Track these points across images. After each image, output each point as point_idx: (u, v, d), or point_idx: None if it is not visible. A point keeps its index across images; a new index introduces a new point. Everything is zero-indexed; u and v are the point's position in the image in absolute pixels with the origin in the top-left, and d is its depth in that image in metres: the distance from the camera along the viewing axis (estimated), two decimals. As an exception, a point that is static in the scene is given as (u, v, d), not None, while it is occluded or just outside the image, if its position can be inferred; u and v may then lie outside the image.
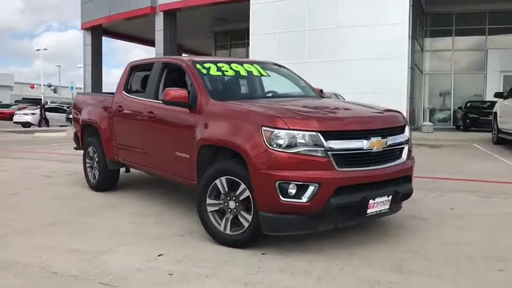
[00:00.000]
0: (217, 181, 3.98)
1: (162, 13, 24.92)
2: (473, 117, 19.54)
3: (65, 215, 5.11)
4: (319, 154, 3.58)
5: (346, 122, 3.85)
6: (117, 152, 5.89)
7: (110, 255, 3.81)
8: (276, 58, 19.97)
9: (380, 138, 3.82)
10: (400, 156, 4.09)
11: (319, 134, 3.58)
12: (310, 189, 3.55)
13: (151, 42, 27.48)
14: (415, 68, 20.90)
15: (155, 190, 6.35)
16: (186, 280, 3.28)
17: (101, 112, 6.16)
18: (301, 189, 3.56)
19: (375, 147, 3.78)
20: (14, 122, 29.87)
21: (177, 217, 4.95)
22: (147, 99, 5.22)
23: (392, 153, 3.99)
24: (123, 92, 5.81)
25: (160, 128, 4.96)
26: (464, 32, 23.89)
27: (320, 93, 5.40)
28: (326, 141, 3.58)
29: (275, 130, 3.60)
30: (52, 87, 49.64)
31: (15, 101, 55.71)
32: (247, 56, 22.28)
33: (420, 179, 7.30)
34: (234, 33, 28.68)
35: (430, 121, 20.22)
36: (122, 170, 6.51)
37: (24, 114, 30.24)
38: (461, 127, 20.27)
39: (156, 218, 4.96)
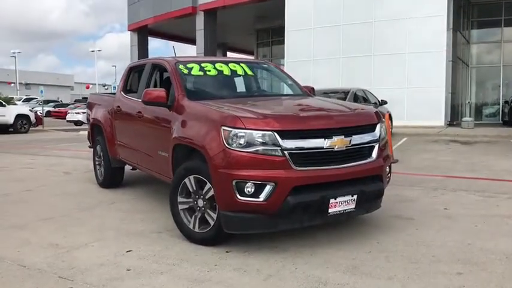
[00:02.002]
0: (186, 180, 4.07)
1: (202, 12, 25.35)
2: (519, 111, 18.55)
3: (63, 210, 5.36)
4: (275, 153, 3.58)
5: (304, 121, 3.81)
6: (117, 150, 6.10)
7: (82, 250, 3.98)
8: (310, 54, 20.06)
9: (343, 137, 3.77)
10: (369, 155, 4.00)
11: (275, 134, 3.58)
12: (267, 188, 3.56)
13: (193, 41, 27.99)
14: (458, 61, 20.10)
15: (157, 187, 6.51)
16: (140, 276, 3.38)
17: (105, 112, 6.41)
18: (258, 188, 3.57)
19: (337, 146, 3.73)
20: (67, 121, 31.22)
21: (164, 214, 5.04)
22: (138, 99, 5.38)
23: (358, 152, 3.91)
24: (122, 92, 6.02)
25: (147, 127, 5.11)
26: (514, 22, 22.69)
27: (308, 92, 5.35)
28: (283, 140, 3.58)
29: (233, 130, 3.63)
30: (106, 87, 51.69)
31: (75, 100, 58.09)
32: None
33: (429, 177, 7.12)
34: (275, 30, 28.61)
35: (473, 116, 19.38)
36: (129, 167, 6.72)
37: (76, 113, 31.52)
38: (508, 122, 19.29)
39: (143, 214, 5.12)
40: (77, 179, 7.48)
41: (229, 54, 38.37)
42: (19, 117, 20.59)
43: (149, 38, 32.62)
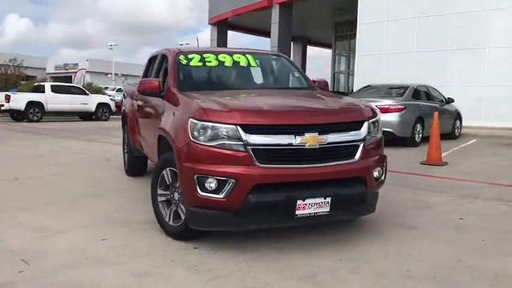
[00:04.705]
0: (164, 172, 3.99)
1: (278, 5, 25.20)
2: None
3: (73, 195, 5.51)
4: (238, 148, 3.38)
5: (272, 116, 3.52)
6: (137, 139, 6.17)
7: (64, 235, 4.04)
8: (383, 48, 19.18)
9: (316, 134, 3.46)
10: (351, 155, 3.64)
11: (238, 128, 3.37)
12: (227, 184, 3.37)
13: (270, 34, 27.95)
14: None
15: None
16: (92, 267, 3.33)
17: (129, 102, 6.51)
18: (219, 184, 3.40)
19: (308, 144, 3.43)
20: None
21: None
22: (147, 90, 5.38)
23: (335, 151, 3.56)
24: (141, 82, 6.07)
25: (149, 116, 5.11)
26: None
27: (314, 86, 5.01)
28: (246, 134, 3.37)
29: (198, 122, 3.48)
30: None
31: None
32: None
33: (468, 182, 6.48)
34: (354, 24, 27.66)
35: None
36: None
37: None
38: None
39: (140, 204, 5.07)
40: (110, 166, 7.70)
41: (309, 47, 37.95)
42: (100, 105, 21.92)
43: (228, 31, 33.07)
